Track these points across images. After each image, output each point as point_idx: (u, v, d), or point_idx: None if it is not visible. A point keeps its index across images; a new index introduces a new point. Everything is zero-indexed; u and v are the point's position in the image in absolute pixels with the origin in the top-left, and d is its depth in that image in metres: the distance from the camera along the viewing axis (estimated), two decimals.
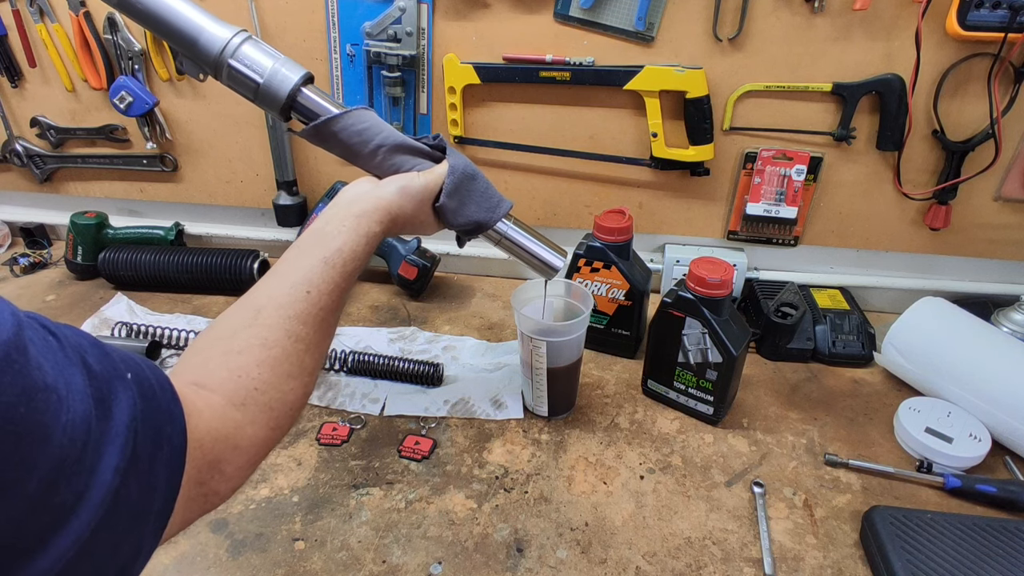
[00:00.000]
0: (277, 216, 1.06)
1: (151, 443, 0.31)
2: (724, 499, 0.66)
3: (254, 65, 0.53)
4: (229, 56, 0.53)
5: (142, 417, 0.30)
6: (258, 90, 0.54)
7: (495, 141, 0.97)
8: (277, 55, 0.55)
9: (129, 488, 0.28)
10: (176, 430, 0.33)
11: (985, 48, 0.78)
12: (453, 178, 0.58)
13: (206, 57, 0.53)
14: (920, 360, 0.78)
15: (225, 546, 0.60)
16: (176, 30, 0.52)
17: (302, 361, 0.45)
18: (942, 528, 0.58)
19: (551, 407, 0.76)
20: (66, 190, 1.15)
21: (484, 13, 0.88)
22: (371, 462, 0.70)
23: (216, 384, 0.39)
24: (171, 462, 0.32)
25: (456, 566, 0.59)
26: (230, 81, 0.54)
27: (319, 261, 0.48)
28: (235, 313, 0.45)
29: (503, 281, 1.08)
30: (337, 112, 0.55)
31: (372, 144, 0.56)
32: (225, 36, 0.53)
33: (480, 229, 0.62)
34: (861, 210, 0.92)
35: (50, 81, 1.04)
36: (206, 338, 0.44)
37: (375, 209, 0.53)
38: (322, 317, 0.47)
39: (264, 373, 0.42)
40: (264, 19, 0.92)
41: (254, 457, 0.40)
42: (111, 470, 0.27)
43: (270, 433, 0.41)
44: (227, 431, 0.38)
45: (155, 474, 0.31)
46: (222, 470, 0.37)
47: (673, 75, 0.85)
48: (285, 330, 0.44)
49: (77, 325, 0.91)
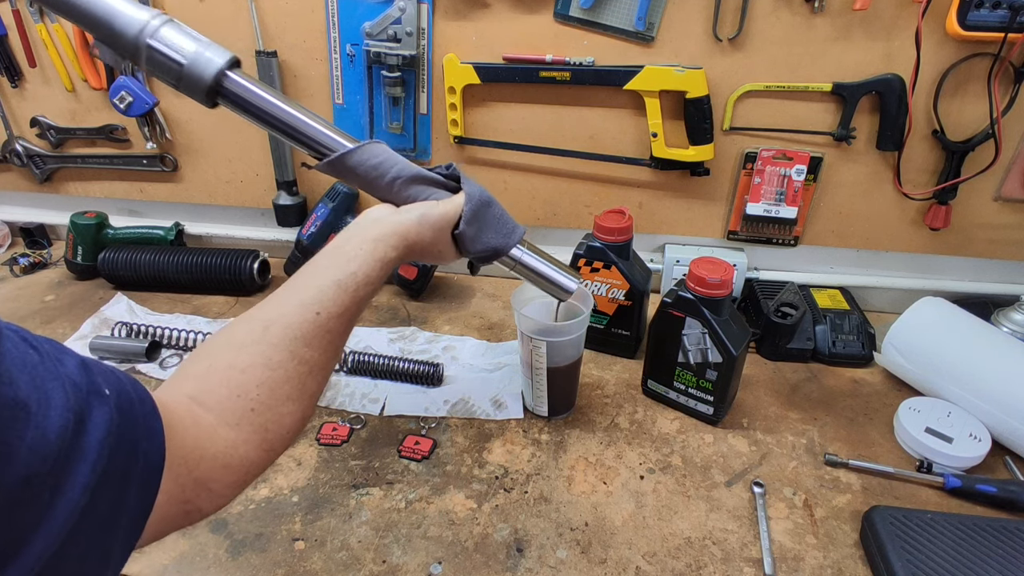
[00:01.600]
0: (277, 216, 1.06)
1: (125, 458, 0.30)
2: (724, 499, 0.66)
3: (176, 47, 0.51)
4: (148, 36, 0.50)
5: (117, 432, 0.30)
6: (181, 72, 0.51)
7: (495, 141, 0.97)
8: (201, 39, 0.52)
9: (98, 504, 0.28)
10: (153, 446, 0.33)
11: (985, 48, 0.78)
12: (471, 206, 0.59)
13: (123, 40, 0.50)
14: (920, 360, 0.78)
15: (225, 546, 0.60)
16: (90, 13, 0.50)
17: (304, 384, 0.44)
18: (942, 528, 0.58)
19: (551, 407, 0.76)
20: (66, 190, 1.15)
21: (484, 13, 0.88)
22: (371, 462, 0.70)
23: (213, 402, 0.39)
24: (146, 478, 0.32)
25: (456, 566, 0.59)
26: (150, 65, 0.51)
27: (332, 283, 0.48)
28: (244, 325, 0.45)
29: (503, 281, 1.08)
30: (351, 147, 0.56)
31: (388, 176, 0.57)
32: (144, 18, 0.50)
33: (497, 255, 0.62)
34: (861, 210, 0.92)
35: (50, 81, 1.04)
36: (213, 345, 0.44)
37: (392, 234, 0.53)
38: (329, 339, 0.47)
39: (263, 394, 0.41)
40: (264, 19, 0.92)
41: (244, 477, 0.40)
42: (80, 487, 0.27)
43: (263, 455, 0.41)
44: (217, 450, 0.38)
45: (127, 490, 0.31)
46: (210, 488, 0.37)
47: (673, 75, 0.85)
48: (290, 351, 0.44)
49: (77, 325, 0.92)
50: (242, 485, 0.40)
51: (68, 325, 0.93)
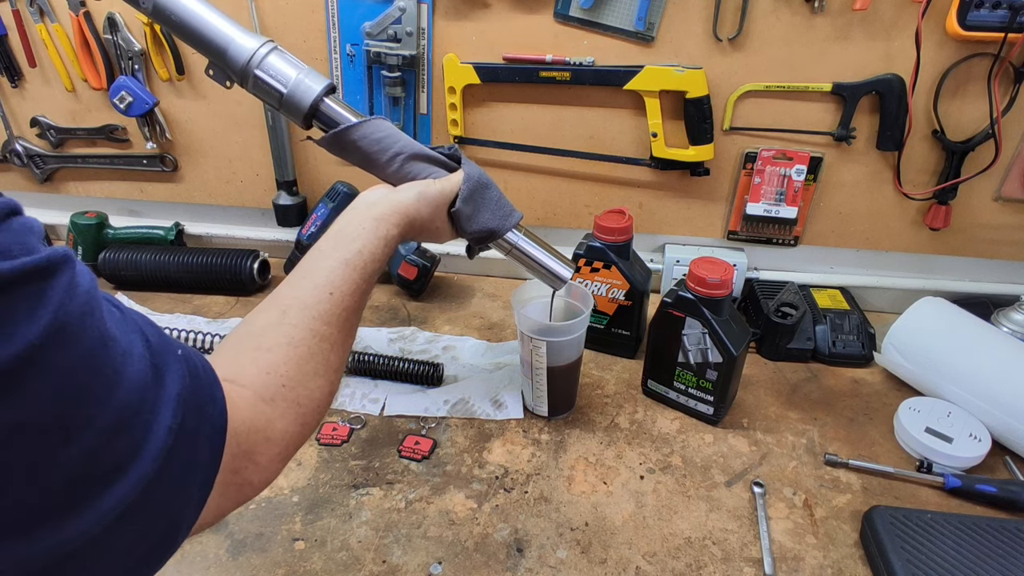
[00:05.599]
0: (277, 216, 1.06)
1: (196, 417, 0.32)
2: (724, 499, 0.66)
3: (278, 75, 0.55)
4: (255, 67, 0.54)
5: (191, 388, 0.32)
6: (282, 99, 0.56)
7: (495, 141, 0.97)
8: (300, 65, 0.56)
9: (179, 452, 0.30)
10: (217, 411, 0.34)
11: (985, 48, 0.78)
12: (469, 185, 0.60)
13: (234, 67, 0.55)
14: (920, 360, 0.78)
15: (225, 546, 0.60)
16: (207, 40, 0.54)
17: (327, 359, 0.46)
18: (942, 528, 0.58)
19: (551, 407, 0.76)
20: (66, 190, 1.15)
21: (484, 13, 0.88)
22: (371, 462, 0.70)
23: (247, 380, 0.40)
24: (213, 439, 0.33)
25: (456, 566, 0.59)
26: (255, 90, 0.56)
27: (340, 263, 0.49)
28: (262, 313, 0.46)
29: (503, 281, 1.08)
30: (356, 120, 0.57)
31: (390, 152, 0.58)
32: (252, 46, 0.54)
33: (492, 237, 0.63)
34: (861, 210, 0.92)
35: (50, 81, 1.04)
36: (235, 336, 0.45)
37: (393, 212, 0.55)
38: (345, 317, 0.48)
39: (291, 370, 0.43)
40: (264, 19, 0.92)
41: (285, 451, 0.41)
42: (164, 429, 0.29)
43: (299, 428, 0.42)
44: (259, 423, 0.39)
45: (199, 448, 0.32)
46: (256, 460, 0.38)
47: (673, 75, 0.85)
48: (311, 329, 0.45)
49: None
50: (284, 459, 0.41)
51: None
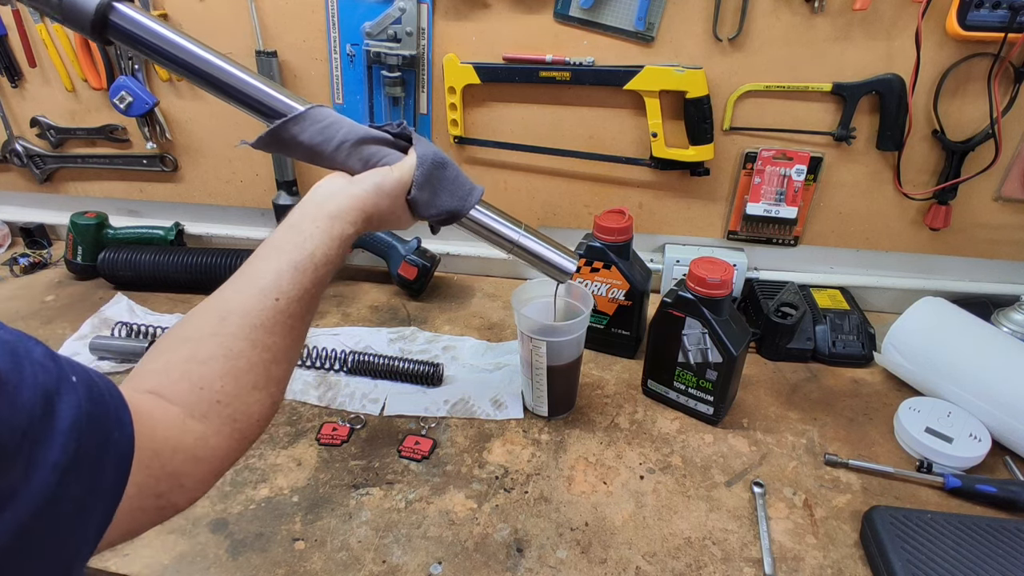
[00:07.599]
0: (277, 216, 1.06)
1: (96, 445, 0.30)
2: (724, 499, 0.66)
3: None
4: None
5: (88, 417, 0.30)
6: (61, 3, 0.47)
7: (495, 141, 0.97)
8: None
9: (70, 486, 0.28)
10: (124, 436, 0.32)
11: (985, 48, 0.78)
12: (423, 169, 0.56)
13: None
14: (920, 360, 0.78)
15: (225, 546, 0.60)
16: None
17: (268, 371, 0.43)
18: (942, 528, 0.58)
19: (551, 407, 0.76)
20: (66, 190, 1.15)
21: (484, 13, 0.88)
22: (371, 462, 0.70)
23: (176, 395, 0.38)
24: (118, 467, 0.32)
25: (456, 566, 0.59)
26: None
27: (289, 266, 0.46)
28: (200, 317, 0.43)
29: (503, 281, 1.08)
30: (299, 109, 0.52)
31: (335, 141, 0.53)
32: None
33: (454, 218, 0.60)
34: (861, 210, 0.92)
35: (50, 81, 1.04)
36: (169, 340, 0.42)
37: (350, 208, 0.51)
38: (291, 324, 0.45)
39: (227, 385, 0.40)
40: (264, 19, 0.92)
41: (217, 468, 0.39)
42: (50, 466, 0.28)
43: (234, 444, 0.40)
44: (187, 443, 0.37)
45: (100, 477, 0.31)
46: (182, 483, 0.36)
47: (673, 75, 0.85)
48: (251, 340, 0.42)
49: (77, 325, 0.92)
50: (215, 477, 0.39)
51: (68, 325, 0.93)
